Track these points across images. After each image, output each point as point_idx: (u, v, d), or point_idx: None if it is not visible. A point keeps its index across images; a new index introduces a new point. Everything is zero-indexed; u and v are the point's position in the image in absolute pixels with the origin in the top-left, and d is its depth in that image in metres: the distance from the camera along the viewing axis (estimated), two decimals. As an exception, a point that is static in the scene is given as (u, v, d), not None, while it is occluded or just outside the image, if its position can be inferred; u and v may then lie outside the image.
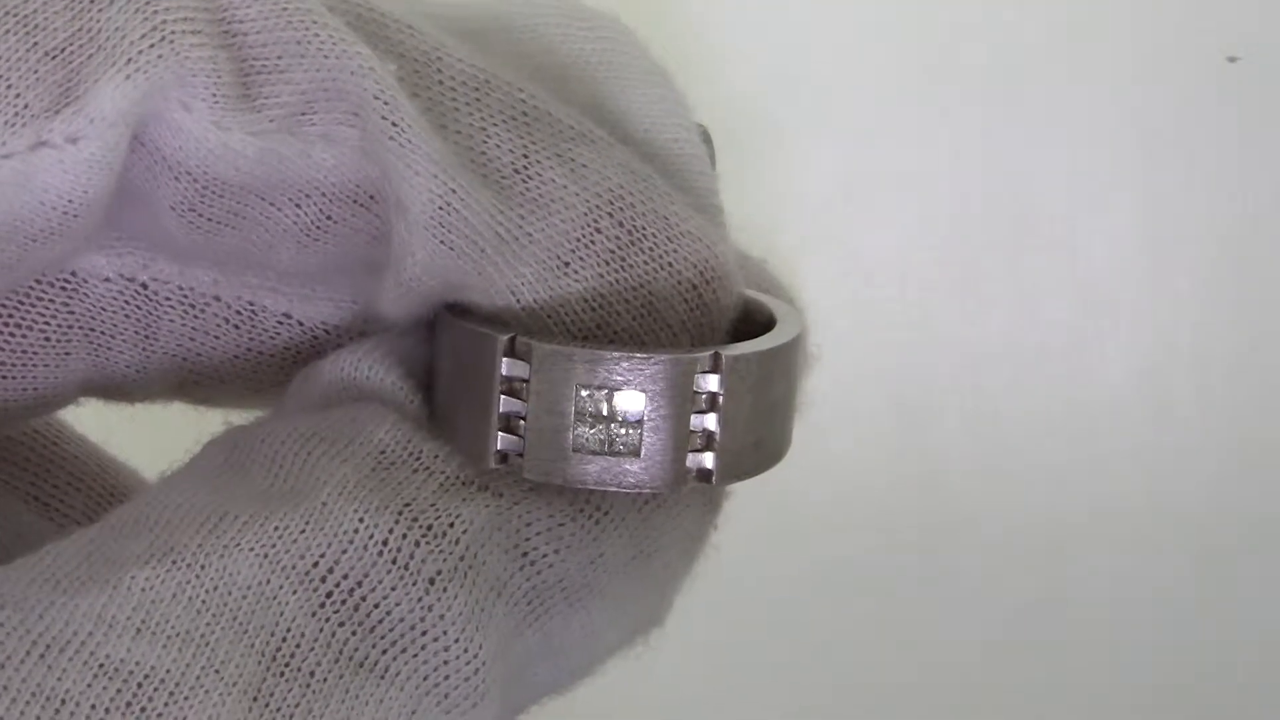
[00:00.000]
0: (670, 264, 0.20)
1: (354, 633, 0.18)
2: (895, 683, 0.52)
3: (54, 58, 0.17)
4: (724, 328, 0.20)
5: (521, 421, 0.19)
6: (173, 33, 0.18)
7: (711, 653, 0.46)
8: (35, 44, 0.17)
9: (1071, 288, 0.51)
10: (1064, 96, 0.50)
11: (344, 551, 0.18)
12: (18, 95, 0.17)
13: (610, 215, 0.19)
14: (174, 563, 0.17)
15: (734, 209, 0.22)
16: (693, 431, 0.19)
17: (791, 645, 0.52)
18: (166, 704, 0.16)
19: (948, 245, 0.51)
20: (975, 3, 0.50)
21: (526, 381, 0.19)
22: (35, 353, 0.21)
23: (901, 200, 0.51)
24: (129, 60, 0.17)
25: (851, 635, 0.52)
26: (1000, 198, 0.51)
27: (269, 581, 0.18)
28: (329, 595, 0.18)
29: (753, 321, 0.21)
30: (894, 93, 0.50)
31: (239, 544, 0.18)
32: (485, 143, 0.19)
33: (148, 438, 0.27)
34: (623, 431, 0.19)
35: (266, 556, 0.18)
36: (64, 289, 0.21)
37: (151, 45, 0.17)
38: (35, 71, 0.17)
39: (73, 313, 0.21)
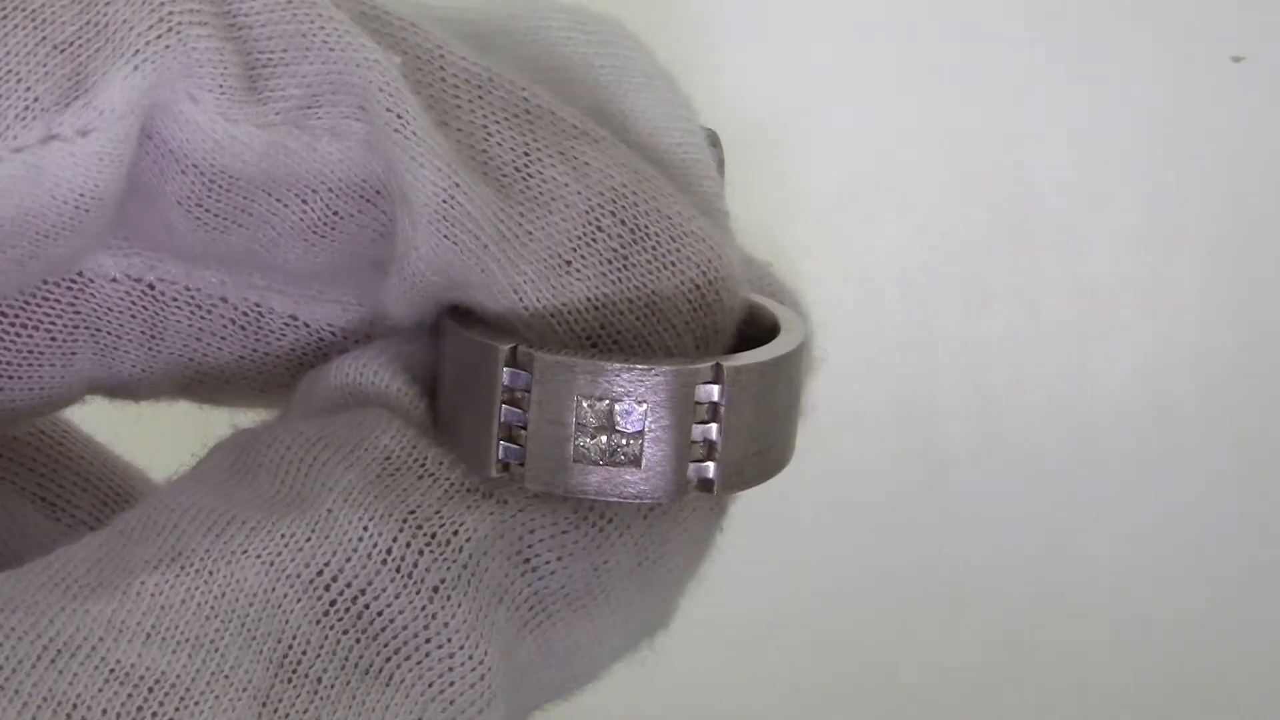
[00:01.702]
0: (673, 263, 0.20)
1: (358, 640, 0.18)
2: (897, 682, 0.52)
3: (62, 51, 0.17)
4: (729, 330, 0.20)
5: (523, 431, 0.19)
6: (179, 24, 0.18)
7: (713, 653, 0.46)
8: (44, 38, 0.17)
9: (1074, 287, 0.51)
10: (1066, 96, 0.50)
11: (348, 560, 0.18)
12: (27, 89, 0.17)
13: (612, 214, 0.19)
14: (183, 568, 0.17)
15: (736, 212, 0.22)
16: (694, 442, 0.19)
17: (793, 646, 0.52)
18: (178, 709, 0.17)
19: (950, 245, 0.51)
20: (977, 3, 0.50)
21: (528, 391, 0.19)
22: (42, 352, 0.21)
23: (903, 200, 0.51)
24: (136, 52, 0.17)
25: (853, 635, 0.52)
26: (1002, 197, 0.51)
27: (275, 589, 0.18)
28: (333, 604, 0.18)
29: (758, 326, 0.20)
30: (896, 93, 0.50)
31: (246, 550, 0.18)
32: (487, 140, 0.19)
33: (154, 438, 0.27)
34: (624, 442, 0.19)
35: (273, 564, 0.18)
36: (70, 289, 0.21)
37: (159, 36, 0.18)
38: (44, 65, 0.17)
39: (79, 312, 0.21)
